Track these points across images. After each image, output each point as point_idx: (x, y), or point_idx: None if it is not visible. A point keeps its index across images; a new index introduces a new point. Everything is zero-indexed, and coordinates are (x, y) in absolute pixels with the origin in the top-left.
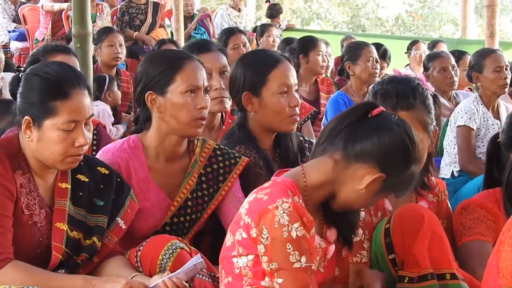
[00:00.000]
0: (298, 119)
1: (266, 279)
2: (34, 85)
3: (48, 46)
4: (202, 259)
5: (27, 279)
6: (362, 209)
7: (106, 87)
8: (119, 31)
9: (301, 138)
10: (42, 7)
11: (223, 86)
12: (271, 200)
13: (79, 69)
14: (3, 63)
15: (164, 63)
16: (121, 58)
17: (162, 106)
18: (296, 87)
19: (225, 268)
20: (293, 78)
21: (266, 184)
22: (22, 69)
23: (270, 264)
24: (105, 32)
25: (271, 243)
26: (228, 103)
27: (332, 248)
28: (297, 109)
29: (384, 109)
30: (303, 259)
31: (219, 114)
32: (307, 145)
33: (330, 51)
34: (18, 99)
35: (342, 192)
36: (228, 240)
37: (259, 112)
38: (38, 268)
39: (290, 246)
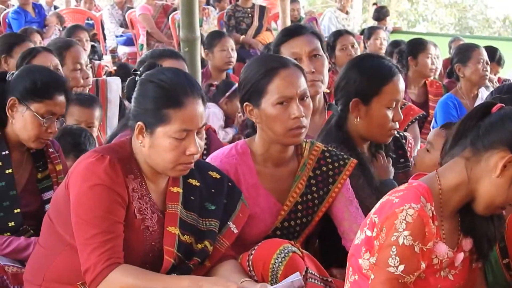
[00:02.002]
0: (396, 133)
1: None
2: (149, 92)
3: (155, 51)
4: (301, 277)
5: (133, 282)
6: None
7: (228, 94)
8: (230, 35)
9: (398, 135)
10: (138, 15)
11: (313, 70)
12: (401, 203)
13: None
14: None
15: (257, 74)
16: (233, 62)
17: (259, 117)
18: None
19: (352, 266)
20: (403, 93)
21: (401, 187)
22: (139, 72)
23: (372, 258)
24: (217, 37)
25: (383, 242)
26: (322, 87)
27: (461, 256)
28: (398, 124)
29: (503, 105)
30: (401, 267)
31: (320, 96)
32: (404, 141)
33: (439, 53)
34: (132, 104)
35: (480, 188)
36: (357, 238)
37: (363, 120)
38: (144, 270)
39: (394, 250)
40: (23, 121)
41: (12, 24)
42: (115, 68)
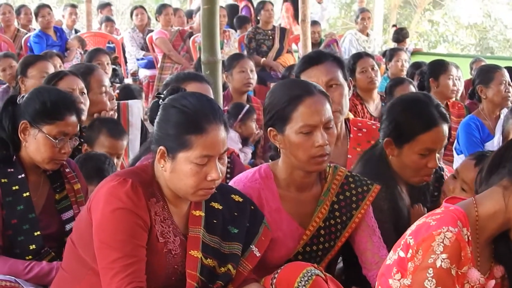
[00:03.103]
0: (431, 177)
1: None
2: (171, 117)
3: (180, 74)
4: None
5: None
6: None
7: (240, 117)
8: (249, 57)
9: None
10: (155, 39)
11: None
12: (438, 226)
13: (212, 96)
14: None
15: (281, 100)
16: (252, 84)
17: (283, 143)
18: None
19: (382, 285)
20: (444, 141)
21: (437, 210)
22: (162, 96)
23: (405, 280)
24: (236, 59)
25: (419, 264)
26: (340, 117)
27: (492, 283)
28: (432, 170)
29: None
30: None
31: (342, 123)
32: (442, 173)
33: (460, 75)
34: (155, 128)
35: None
36: (389, 258)
37: (395, 159)
38: None
39: (431, 272)
40: (36, 144)
41: (33, 48)
42: (117, 91)
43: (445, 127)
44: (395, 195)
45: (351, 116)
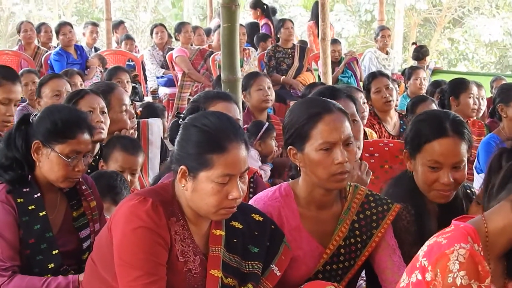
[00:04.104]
0: (449, 194)
1: None
2: (192, 136)
3: (210, 92)
4: None
5: None
6: None
7: (260, 135)
8: (265, 74)
9: (468, 191)
10: (175, 57)
11: None
12: (450, 244)
13: (240, 116)
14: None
15: (300, 119)
16: (271, 100)
17: (302, 161)
18: (460, 164)
19: None
20: (455, 156)
21: (448, 228)
22: (182, 115)
23: None
24: (252, 77)
25: (441, 286)
26: (358, 153)
27: None
28: (450, 186)
29: None
30: None
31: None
32: (468, 191)
33: (483, 94)
34: (175, 148)
35: None
36: (403, 280)
37: (415, 175)
38: None
39: None
40: (49, 163)
41: (54, 66)
42: (140, 109)
43: (457, 142)
44: (423, 216)
45: (374, 135)
